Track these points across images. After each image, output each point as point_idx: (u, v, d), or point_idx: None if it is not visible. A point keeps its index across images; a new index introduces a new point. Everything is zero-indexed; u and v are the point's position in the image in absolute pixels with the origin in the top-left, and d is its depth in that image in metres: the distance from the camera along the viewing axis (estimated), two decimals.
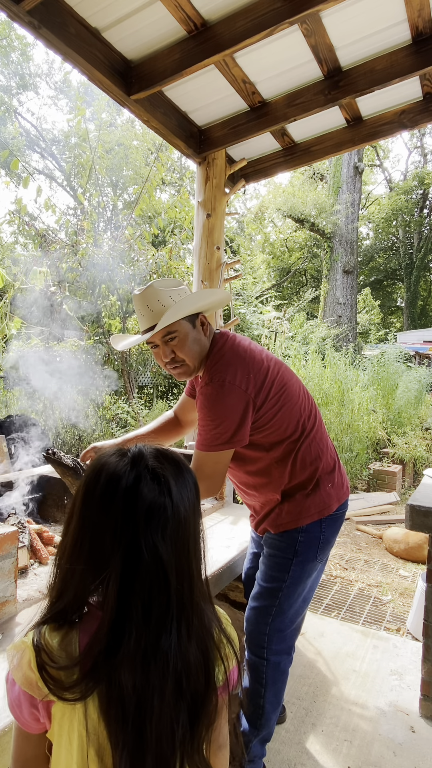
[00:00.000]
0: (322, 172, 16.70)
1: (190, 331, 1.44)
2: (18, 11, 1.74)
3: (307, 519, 1.48)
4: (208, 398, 1.37)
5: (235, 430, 1.35)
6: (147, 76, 2.22)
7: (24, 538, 1.56)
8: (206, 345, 1.48)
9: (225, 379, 1.36)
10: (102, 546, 0.69)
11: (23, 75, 17.27)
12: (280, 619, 1.50)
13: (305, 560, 1.49)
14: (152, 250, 6.29)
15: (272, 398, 1.42)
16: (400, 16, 2.04)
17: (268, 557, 1.53)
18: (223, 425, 1.35)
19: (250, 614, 1.56)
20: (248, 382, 1.37)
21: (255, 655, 1.53)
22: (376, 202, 21.33)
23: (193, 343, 1.44)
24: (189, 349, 1.44)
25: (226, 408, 1.35)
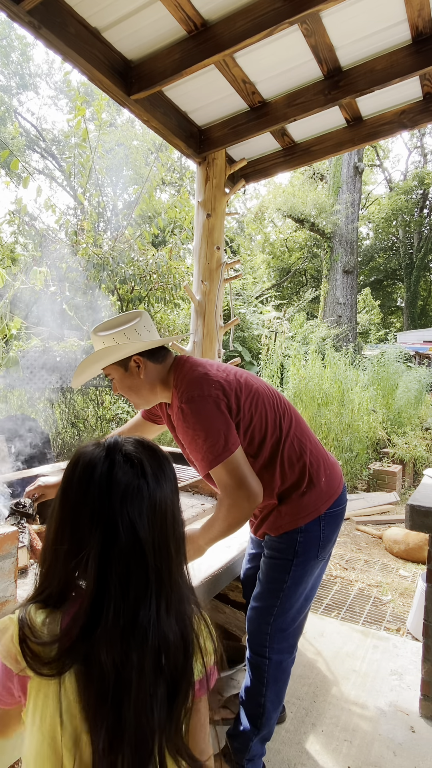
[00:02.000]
0: (322, 172, 16.70)
1: (122, 376, 1.50)
2: (18, 11, 1.74)
3: (305, 518, 1.48)
4: (186, 418, 1.37)
5: (225, 434, 1.35)
6: (147, 76, 2.21)
7: (24, 538, 1.56)
8: (148, 383, 1.50)
9: (194, 395, 1.37)
10: (81, 528, 0.72)
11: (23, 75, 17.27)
12: (282, 618, 1.50)
13: (306, 560, 1.49)
14: (152, 250, 6.29)
15: (245, 401, 1.43)
16: (400, 16, 2.04)
17: (268, 558, 1.53)
18: (212, 435, 1.34)
19: (251, 614, 1.56)
20: (216, 389, 1.39)
21: (257, 654, 1.54)
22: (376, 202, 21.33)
23: (126, 386, 1.51)
24: (125, 390, 1.52)
25: (206, 419, 1.35)
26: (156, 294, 6.11)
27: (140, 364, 1.48)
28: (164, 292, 6.10)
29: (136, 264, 5.80)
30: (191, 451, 1.40)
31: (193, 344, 3.08)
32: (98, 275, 5.61)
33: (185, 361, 1.53)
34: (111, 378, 1.54)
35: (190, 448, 1.40)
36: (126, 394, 1.54)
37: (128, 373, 1.49)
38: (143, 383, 1.50)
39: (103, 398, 6.51)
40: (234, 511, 1.35)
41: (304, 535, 1.48)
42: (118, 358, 1.47)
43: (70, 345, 6.61)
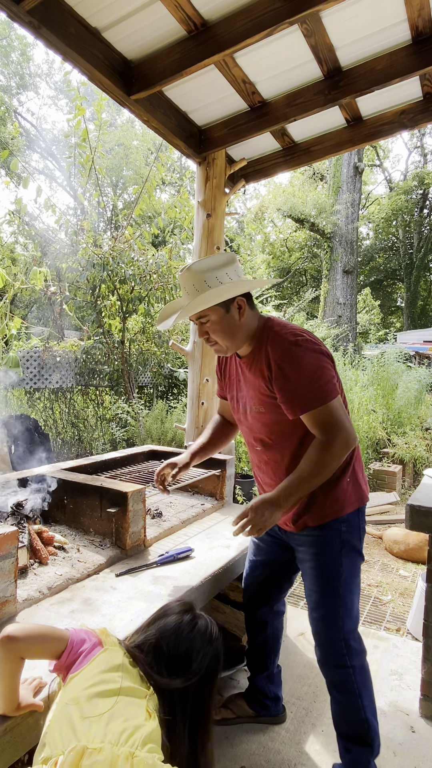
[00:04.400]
0: (322, 172, 16.71)
1: (222, 317, 1.45)
2: (18, 11, 1.74)
3: (349, 507, 1.46)
4: (293, 358, 1.36)
5: (331, 377, 1.36)
6: (147, 76, 2.22)
7: (24, 538, 1.56)
8: (245, 326, 1.47)
9: (303, 339, 1.38)
10: None
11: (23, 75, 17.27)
12: (349, 617, 1.44)
13: (352, 550, 1.46)
14: (152, 250, 6.29)
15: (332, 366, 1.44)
16: (400, 16, 2.04)
17: (315, 557, 1.48)
18: (323, 374, 1.34)
19: (318, 626, 1.48)
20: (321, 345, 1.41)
21: (338, 667, 1.45)
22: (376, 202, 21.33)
23: (226, 327, 1.46)
24: (221, 333, 1.47)
25: (317, 360, 1.36)
26: (156, 294, 6.11)
27: (242, 306, 1.46)
28: (164, 292, 6.10)
29: (136, 264, 5.80)
30: (298, 389, 1.36)
31: (193, 344, 3.08)
32: (98, 275, 5.61)
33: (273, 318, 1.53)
34: (204, 320, 1.47)
35: (297, 388, 1.36)
36: (219, 336, 1.48)
37: (229, 314, 1.45)
38: (241, 326, 1.47)
39: (103, 398, 6.51)
40: (331, 450, 1.33)
41: (347, 524, 1.45)
42: (229, 296, 1.42)
43: (70, 345, 6.62)
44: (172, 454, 2.67)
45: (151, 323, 6.71)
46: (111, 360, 6.38)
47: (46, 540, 1.66)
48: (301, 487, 1.36)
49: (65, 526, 1.93)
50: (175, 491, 2.51)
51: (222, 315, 1.45)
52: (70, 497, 1.91)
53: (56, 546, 1.68)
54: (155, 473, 1.76)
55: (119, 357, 6.35)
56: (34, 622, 1.25)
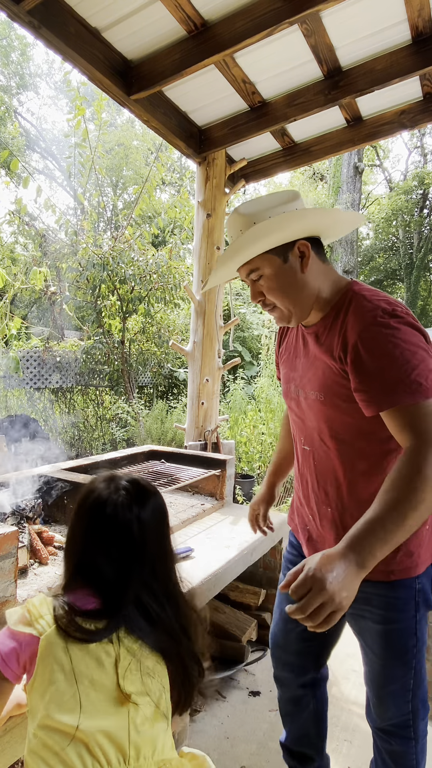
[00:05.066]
0: (322, 172, 16.71)
1: (279, 268, 1.09)
2: (18, 11, 1.74)
3: (424, 563, 1.11)
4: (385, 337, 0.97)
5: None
6: (147, 76, 2.22)
7: (24, 538, 1.56)
8: (312, 283, 1.11)
9: (402, 311, 1.01)
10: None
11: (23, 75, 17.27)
12: (420, 688, 1.16)
13: (426, 611, 1.14)
14: (152, 250, 6.29)
15: None
16: (400, 16, 2.04)
17: (380, 620, 1.13)
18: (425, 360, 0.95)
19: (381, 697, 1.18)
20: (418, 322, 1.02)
21: (402, 738, 1.18)
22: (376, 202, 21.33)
23: (285, 284, 1.10)
24: (279, 292, 1.11)
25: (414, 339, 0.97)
26: (156, 294, 6.11)
27: (305, 252, 1.09)
28: (164, 292, 6.10)
29: (136, 264, 5.80)
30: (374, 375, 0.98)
31: (193, 344, 3.08)
32: (98, 275, 5.61)
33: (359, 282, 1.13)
34: (255, 276, 1.12)
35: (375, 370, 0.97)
36: (277, 296, 1.12)
37: (287, 264, 1.09)
38: (306, 282, 1.10)
39: (103, 398, 6.51)
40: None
41: (423, 581, 1.11)
42: (284, 235, 1.06)
43: (70, 345, 6.62)
44: (172, 454, 2.67)
45: (151, 323, 6.71)
46: (111, 360, 6.38)
47: (46, 540, 1.66)
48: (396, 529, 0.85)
49: (65, 526, 1.93)
50: (175, 491, 2.51)
51: (278, 266, 1.09)
52: (70, 497, 1.91)
53: (56, 546, 1.68)
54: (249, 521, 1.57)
55: (119, 357, 6.35)
56: None
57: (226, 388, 6.78)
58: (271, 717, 1.88)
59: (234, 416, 5.48)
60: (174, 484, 2.15)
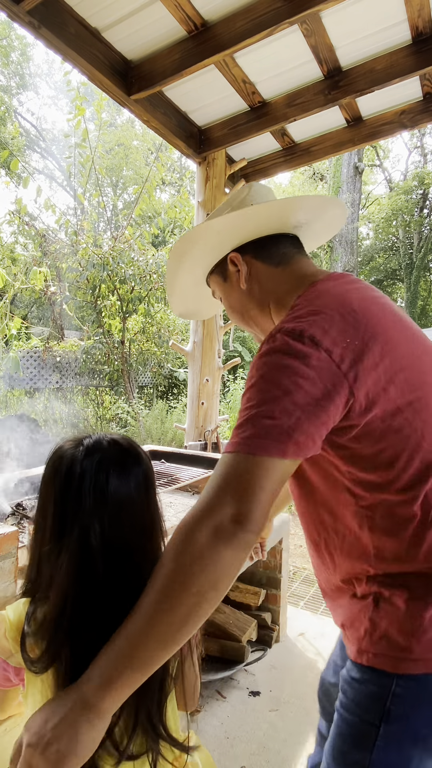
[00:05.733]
0: (322, 172, 16.70)
1: (222, 287, 0.99)
2: (18, 11, 1.74)
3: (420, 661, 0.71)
4: (255, 365, 0.74)
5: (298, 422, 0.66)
6: (147, 76, 2.22)
7: (24, 538, 1.56)
8: (262, 296, 0.93)
9: (303, 332, 0.71)
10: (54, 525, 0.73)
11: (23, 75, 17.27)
12: None
13: (403, 736, 0.72)
14: (152, 250, 6.29)
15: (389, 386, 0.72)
16: (400, 16, 2.04)
17: (339, 708, 0.79)
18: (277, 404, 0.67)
19: None
20: (341, 345, 0.70)
21: None
22: (376, 202, 21.33)
23: (233, 302, 0.98)
24: (230, 311, 1.01)
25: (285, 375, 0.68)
26: (156, 294, 6.11)
27: (237, 264, 0.94)
28: (164, 292, 6.10)
29: (136, 264, 5.80)
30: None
31: (193, 344, 3.08)
32: (98, 275, 5.61)
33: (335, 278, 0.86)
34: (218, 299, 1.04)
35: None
36: (231, 318, 1.01)
37: (228, 283, 0.97)
38: (251, 295, 0.94)
39: (103, 398, 6.51)
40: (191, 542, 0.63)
41: (407, 686, 0.72)
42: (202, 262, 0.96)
43: (70, 345, 6.62)
44: (172, 454, 2.67)
45: (151, 323, 6.71)
46: (111, 360, 6.38)
47: None
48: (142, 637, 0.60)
49: None
50: (175, 491, 2.51)
51: (221, 285, 0.99)
52: None
53: None
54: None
55: (119, 357, 6.35)
56: None
57: (226, 388, 6.78)
58: (271, 717, 1.88)
59: (234, 416, 5.49)
60: (174, 484, 2.14)
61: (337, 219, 1.04)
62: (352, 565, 0.79)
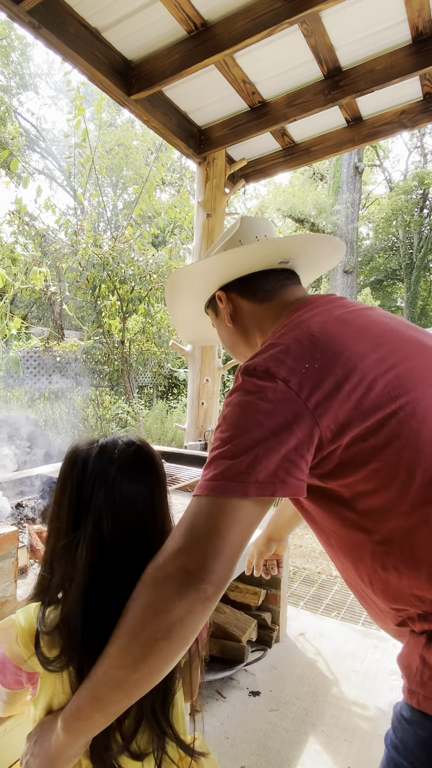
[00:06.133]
0: (322, 172, 16.70)
1: (215, 321, 1.06)
2: (18, 11, 1.74)
3: None
4: (226, 403, 0.75)
5: (256, 456, 0.65)
6: (147, 76, 2.22)
7: (24, 538, 1.56)
8: (248, 330, 0.97)
9: (257, 367, 0.72)
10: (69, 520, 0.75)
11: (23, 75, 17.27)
12: None
13: None
14: (152, 250, 6.29)
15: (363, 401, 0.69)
16: (400, 16, 2.04)
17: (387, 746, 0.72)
18: (236, 442, 0.67)
19: None
20: (299, 373, 0.70)
21: None
22: (376, 202, 21.33)
23: (224, 336, 1.04)
24: (224, 345, 1.06)
25: (249, 411, 0.69)
26: (156, 294, 6.11)
27: (223, 301, 0.99)
28: (164, 292, 6.10)
29: (136, 264, 5.80)
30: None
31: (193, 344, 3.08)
32: (98, 275, 5.61)
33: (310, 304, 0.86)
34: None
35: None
36: (227, 351, 1.07)
37: (219, 318, 1.02)
38: (239, 330, 0.99)
39: (103, 398, 6.51)
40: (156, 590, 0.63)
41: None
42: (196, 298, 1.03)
43: (70, 345, 6.62)
44: (173, 454, 2.67)
45: (151, 323, 6.72)
46: (111, 360, 6.38)
47: None
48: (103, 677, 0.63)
49: None
50: (175, 491, 2.51)
51: (215, 320, 1.05)
52: None
53: None
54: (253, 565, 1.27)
55: (119, 357, 6.35)
56: None
57: (226, 388, 6.78)
58: (271, 717, 1.88)
59: None
60: (174, 484, 2.15)
61: (332, 255, 1.03)
62: (396, 608, 0.74)
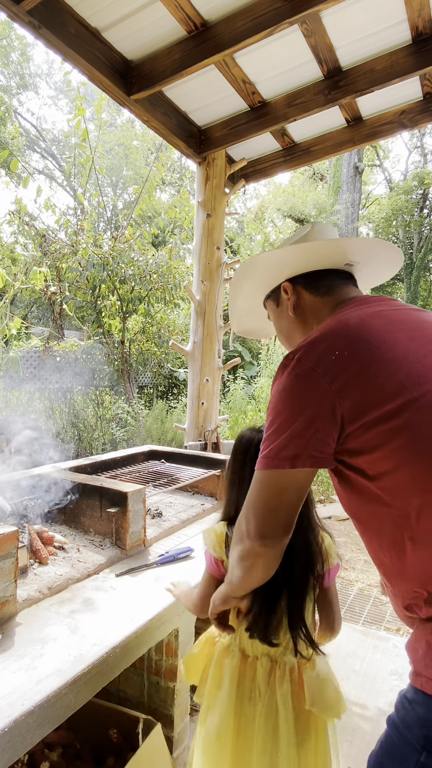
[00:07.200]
0: (322, 172, 16.71)
1: (275, 312, 1.10)
2: (18, 11, 1.75)
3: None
4: (272, 388, 0.87)
5: (291, 435, 0.78)
6: (147, 76, 2.22)
7: (24, 538, 1.56)
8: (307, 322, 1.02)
9: (293, 356, 0.82)
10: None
11: (23, 75, 17.28)
12: None
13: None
14: (152, 250, 6.29)
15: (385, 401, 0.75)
16: (400, 16, 2.04)
17: (388, 724, 0.79)
18: (277, 424, 0.81)
19: None
20: (329, 366, 0.78)
21: None
22: (376, 202, 21.33)
23: (283, 327, 1.08)
24: (280, 335, 1.10)
25: (286, 396, 0.81)
26: (156, 294, 6.11)
27: (288, 292, 1.03)
28: (164, 292, 6.10)
29: (136, 264, 5.80)
30: None
31: (193, 344, 3.08)
32: (98, 275, 5.61)
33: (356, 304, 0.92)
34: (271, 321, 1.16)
35: None
36: (282, 341, 1.12)
37: (281, 308, 1.07)
38: (299, 322, 1.03)
39: (103, 398, 6.51)
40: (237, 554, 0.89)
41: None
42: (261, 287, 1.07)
43: (70, 345, 6.62)
44: (172, 454, 2.67)
45: (151, 323, 6.72)
46: (111, 360, 6.38)
47: (46, 540, 1.66)
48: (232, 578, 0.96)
49: (65, 526, 1.93)
50: (175, 491, 2.51)
51: (275, 310, 1.10)
52: (71, 497, 1.91)
53: (56, 546, 1.68)
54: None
55: (119, 357, 6.35)
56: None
57: (226, 388, 6.78)
58: None
59: (234, 416, 5.49)
60: (174, 484, 2.15)
61: (393, 262, 1.10)
62: (407, 588, 0.78)
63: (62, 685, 0.97)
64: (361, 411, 0.75)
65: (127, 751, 1.31)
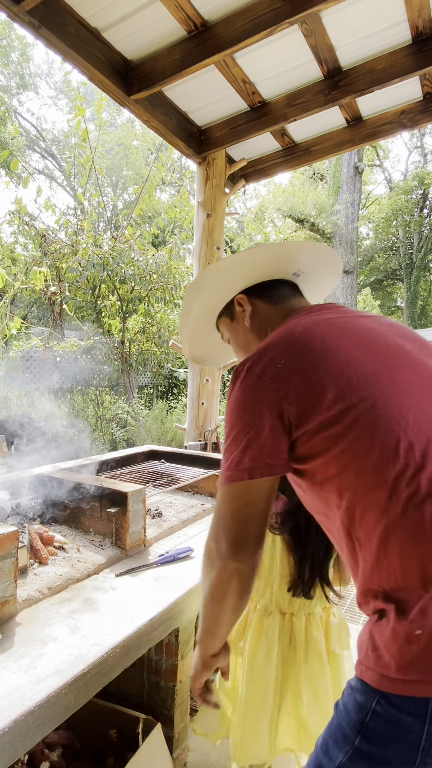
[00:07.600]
0: (322, 172, 16.71)
1: (230, 327, 1.08)
2: (18, 11, 1.74)
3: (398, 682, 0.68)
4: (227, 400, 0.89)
5: (246, 446, 0.80)
6: (147, 76, 2.22)
7: (24, 538, 1.56)
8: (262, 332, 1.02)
9: (243, 366, 0.84)
10: None
11: (23, 75, 17.28)
12: None
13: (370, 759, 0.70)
14: (152, 250, 6.29)
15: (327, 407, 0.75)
16: (400, 16, 2.04)
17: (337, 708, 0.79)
18: (233, 436, 0.83)
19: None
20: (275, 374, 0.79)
21: None
22: (376, 202, 21.33)
23: (241, 341, 1.07)
24: (238, 351, 1.10)
25: (237, 408, 0.83)
26: (156, 294, 6.11)
27: (243, 305, 1.02)
28: (164, 292, 6.10)
29: (136, 264, 5.80)
30: None
31: None
32: (98, 275, 5.61)
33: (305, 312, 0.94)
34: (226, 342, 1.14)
35: None
36: (239, 357, 1.10)
37: (235, 322, 1.06)
38: (255, 333, 1.02)
39: (103, 398, 6.51)
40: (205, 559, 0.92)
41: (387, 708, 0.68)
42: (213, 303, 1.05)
43: (70, 345, 6.62)
44: (172, 454, 2.67)
45: (151, 323, 6.72)
46: (111, 360, 6.38)
47: (46, 540, 1.66)
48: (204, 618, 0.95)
49: (65, 526, 1.93)
50: (175, 491, 2.51)
51: (230, 325, 1.08)
52: (71, 498, 1.91)
53: (56, 546, 1.68)
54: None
55: (119, 357, 6.35)
56: None
57: (226, 388, 6.78)
58: None
59: None
60: (174, 484, 2.15)
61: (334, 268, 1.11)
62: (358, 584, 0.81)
63: (62, 685, 0.97)
64: (305, 418, 0.77)
65: (127, 751, 1.31)
